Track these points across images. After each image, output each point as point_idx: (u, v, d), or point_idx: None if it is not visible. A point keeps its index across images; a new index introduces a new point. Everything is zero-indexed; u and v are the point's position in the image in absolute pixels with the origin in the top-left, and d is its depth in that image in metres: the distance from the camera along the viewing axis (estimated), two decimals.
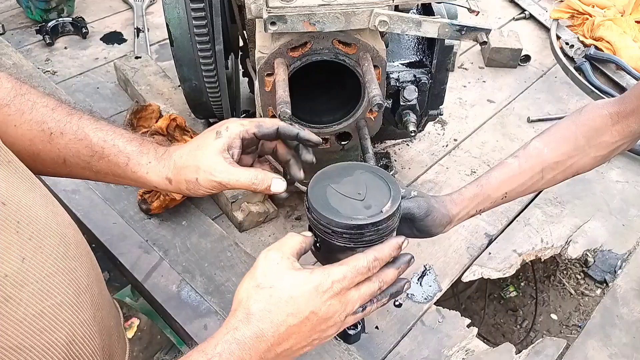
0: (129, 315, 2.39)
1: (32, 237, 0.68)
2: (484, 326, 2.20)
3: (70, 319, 0.70)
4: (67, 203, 1.47)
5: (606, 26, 2.20)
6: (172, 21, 1.33)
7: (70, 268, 0.73)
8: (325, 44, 1.12)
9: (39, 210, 0.72)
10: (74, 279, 0.73)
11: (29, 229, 0.69)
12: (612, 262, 1.52)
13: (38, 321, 0.65)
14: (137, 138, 0.94)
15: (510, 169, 1.13)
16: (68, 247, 0.74)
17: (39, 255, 0.68)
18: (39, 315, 0.65)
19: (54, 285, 0.69)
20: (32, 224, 0.69)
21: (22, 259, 0.65)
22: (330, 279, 0.78)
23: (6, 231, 0.65)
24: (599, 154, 1.14)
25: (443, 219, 1.09)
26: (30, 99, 0.91)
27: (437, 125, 1.88)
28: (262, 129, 0.90)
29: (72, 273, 0.73)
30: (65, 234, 0.75)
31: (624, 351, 1.29)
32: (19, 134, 0.89)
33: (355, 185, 1.00)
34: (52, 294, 0.68)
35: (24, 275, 0.65)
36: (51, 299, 0.68)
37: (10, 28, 2.22)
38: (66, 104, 0.93)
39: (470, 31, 1.10)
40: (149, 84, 1.82)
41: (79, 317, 0.71)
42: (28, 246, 0.67)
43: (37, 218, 0.71)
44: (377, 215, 0.95)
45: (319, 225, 0.97)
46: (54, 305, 0.68)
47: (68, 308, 0.70)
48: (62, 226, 0.76)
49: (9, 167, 0.73)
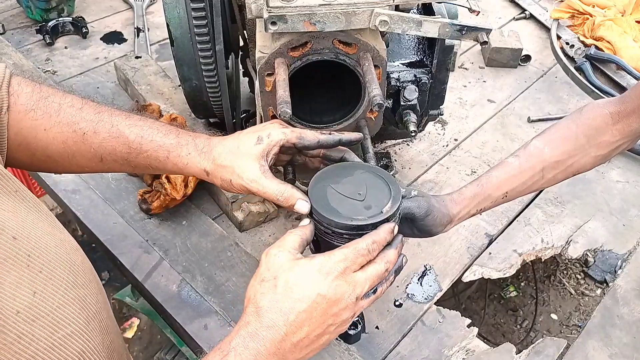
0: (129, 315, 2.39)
1: (43, 269, 0.68)
2: (484, 326, 2.20)
3: (81, 348, 0.69)
4: (67, 203, 1.47)
5: (606, 26, 2.19)
6: (173, 21, 1.32)
7: (80, 296, 0.73)
8: (325, 43, 1.11)
9: (48, 240, 0.72)
10: (84, 307, 0.72)
11: (39, 261, 0.68)
12: (612, 262, 1.52)
13: (49, 354, 0.65)
14: (173, 130, 0.95)
15: (510, 169, 1.13)
16: (77, 275, 0.74)
17: (49, 287, 0.68)
18: (50, 348, 0.65)
19: (64, 316, 0.68)
20: (42, 256, 0.69)
21: (34, 293, 0.65)
22: (331, 260, 0.80)
23: (17, 266, 0.64)
24: (599, 154, 1.14)
25: (443, 219, 1.09)
26: (55, 101, 0.90)
27: (437, 125, 1.88)
28: (303, 141, 0.94)
29: (82, 301, 0.73)
30: (73, 261, 0.75)
31: (625, 351, 1.28)
32: (51, 138, 0.89)
33: (356, 185, 1.00)
34: (62, 325, 0.67)
35: (35, 310, 0.64)
36: (62, 330, 0.67)
37: (11, 28, 2.22)
38: (90, 101, 0.93)
39: (471, 31, 1.10)
40: (149, 83, 1.82)
41: (89, 345, 0.71)
42: (39, 279, 0.67)
43: (47, 248, 0.70)
44: (377, 216, 0.95)
45: (319, 226, 0.97)
46: (65, 336, 0.67)
47: (78, 337, 0.69)
48: (70, 253, 0.76)
49: (17, 196, 0.73)
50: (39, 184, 1.58)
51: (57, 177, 1.54)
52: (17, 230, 0.67)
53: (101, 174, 1.57)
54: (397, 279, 1.38)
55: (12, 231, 0.66)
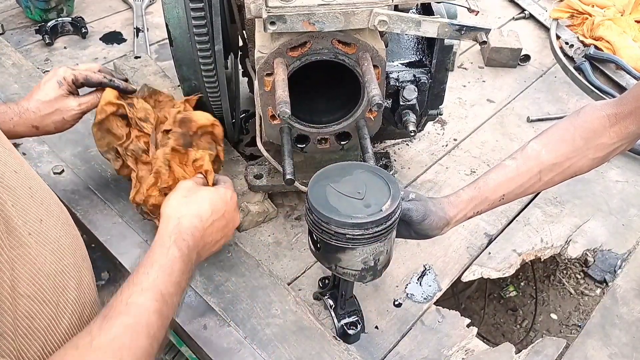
0: None
1: (43, 202, 0.76)
2: (484, 326, 2.20)
3: (81, 280, 0.76)
4: (67, 203, 1.47)
5: (606, 26, 2.20)
6: (172, 21, 1.32)
7: (74, 234, 0.81)
8: (324, 43, 1.12)
9: (37, 178, 0.80)
10: (78, 244, 0.80)
11: (39, 195, 0.75)
12: (611, 261, 1.52)
13: (58, 279, 0.71)
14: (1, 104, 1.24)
15: (508, 171, 1.13)
16: (67, 215, 0.83)
17: (51, 218, 0.75)
18: (58, 274, 0.72)
19: (65, 247, 0.75)
20: (40, 191, 0.76)
21: (40, 221, 0.72)
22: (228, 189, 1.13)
23: (24, 196, 0.71)
24: (597, 156, 1.14)
25: (440, 222, 1.10)
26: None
27: (436, 125, 1.88)
28: (89, 81, 1.30)
29: (76, 238, 0.81)
30: (57, 201, 0.83)
31: (624, 351, 1.28)
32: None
33: (355, 184, 1.00)
34: (64, 255, 0.74)
35: (44, 236, 0.71)
36: (65, 259, 0.74)
37: (10, 28, 2.22)
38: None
39: (470, 31, 1.10)
40: (148, 83, 1.82)
41: (85, 279, 0.78)
42: (42, 209, 0.74)
43: (40, 185, 0.78)
44: (377, 214, 0.95)
45: (319, 225, 0.97)
46: (68, 265, 0.74)
47: (78, 270, 0.77)
48: (54, 196, 0.84)
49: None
50: None
51: (56, 177, 1.54)
52: (15, 165, 0.73)
53: (101, 174, 1.58)
54: (396, 278, 1.39)
55: (12, 166, 0.73)
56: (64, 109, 1.26)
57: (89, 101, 1.30)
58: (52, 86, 1.26)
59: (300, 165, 1.37)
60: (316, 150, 1.32)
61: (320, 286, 1.31)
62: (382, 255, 1.02)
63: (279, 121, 1.23)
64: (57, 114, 1.26)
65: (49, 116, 1.26)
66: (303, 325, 1.23)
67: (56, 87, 1.26)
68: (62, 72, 1.28)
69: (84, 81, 1.29)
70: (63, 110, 1.27)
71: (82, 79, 1.28)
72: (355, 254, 0.99)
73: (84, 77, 1.28)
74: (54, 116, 1.26)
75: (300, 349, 1.19)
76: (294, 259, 1.43)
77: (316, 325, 1.23)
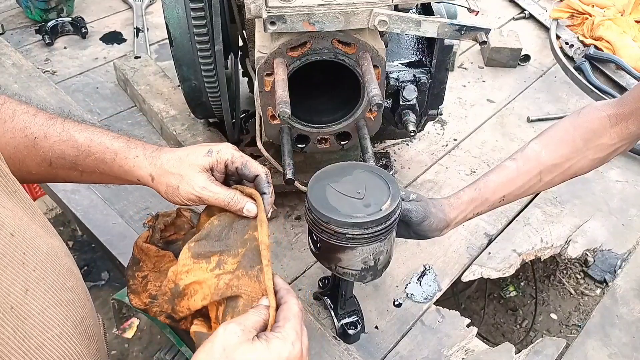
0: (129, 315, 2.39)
1: (36, 268, 0.69)
2: (484, 326, 2.20)
3: (68, 351, 0.70)
4: (67, 203, 1.47)
5: (606, 26, 2.20)
6: (172, 21, 1.32)
7: (68, 300, 0.73)
8: (324, 43, 1.12)
9: (40, 242, 0.73)
10: (71, 310, 0.73)
11: (33, 261, 0.69)
12: (611, 261, 1.52)
13: (40, 353, 0.65)
14: (123, 136, 0.96)
15: (508, 172, 1.13)
16: (66, 279, 0.75)
17: (40, 286, 0.68)
18: (40, 347, 0.65)
19: (53, 317, 0.69)
20: (35, 256, 0.70)
21: (26, 291, 0.66)
22: (289, 340, 0.76)
23: (14, 263, 0.65)
24: (597, 156, 1.14)
25: (440, 224, 1.10)
26: (10, 107, 0.91)
27: (436, 125, 1.88)
28: (244, 170, 0.94)
29: (70, 305, 0.73)
30: (63, 265, 0.76)
31: (624, 351, 1.28)
32: (3, 143, 0.90)
33: (355, 184, 1.00)
34: (52, 326, 0.68)
35: (27, 307, 0.65)
36: (51, 330, 0.68)
37: (10, 28, 2.22)
38: (46, 110, 0.95)
39: (470, 31, 1.10)
40: (148, 83, 1.82)
41: (75, 348, 0.71)
42: (31, 278, 0.67)
43: (40, 250, 0.71)
44: (376, 214, 0.95)
45: (319, 225, 0.97)
46: (54, 337, 0.68)
47: (66, 340, 0.70)
48: (61, 258, 0.77)
49: (15, 196, 0.74)
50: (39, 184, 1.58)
51: None
52: (14, 228, 0.68)
53: None
54: (396, 278, 1.39)
55: (10, 228, 0.67)
56: (185, 178, 0.91)
57: (217, 193, 0.90)
58: (203, 152, 0.93)
59: (300, 165, 1.37)
60: (316, 150, 1.32)
61: (320, 286, 1.31)
62: (382, 255, 1.02)
63: (279, 121, 1.23)
64: (173, 178, 0.92)
65: (166, 175, 0.92)
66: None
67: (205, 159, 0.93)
68: (225, 147, 0.94)
69: (240, 166, 0.94)
70: (184, 178, 0.91)
71: (240, 163, 0.93)
72: (355, 254, 0.99)
73: (242, 162, 0.93)
74: (170, 177, 0.92)
75: None
76: (294, 258, 1.43)
77: (316, 325, 1.23)
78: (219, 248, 0.88)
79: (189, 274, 0.87)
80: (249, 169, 0.93)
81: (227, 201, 0.90)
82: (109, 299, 1.59)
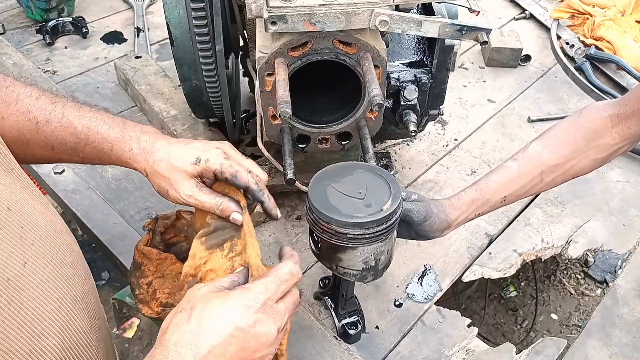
0: (129, 315, 2.38)
1: (34, 242, 0.70)
2: (484, 326, 2.20)
3: (66, 324, 0.70)
4: (67, 203, 1.47)
5: (606, 26, 2.20)
6: (173, 21, 1.32)
7: (68, 275, 0.74)
8: (325, 43, 1.12)
9: (39, 217, 0.74)
10: (71, 286, 0.74)
11: (32, 235, 0.70)
12: (612, 262, 1.52)
13: (37, 325, 0.66)
14: (120, 123, 0.96)
15: (509, 173, 1.13)
16: (65, 255, 0.75)
17: (39, 260, 0.69)
18: (37, 319, 0.66)
19: (52, 290, 0.69)
20: (34, 230, 0.70)
21: (24, 264, 0.66)
22: (252, 291, 0.74)
23: (11, 236, 0.66)
24: (598, 157, 1.14)
25: (441, 224, 1.09)
26: (15, 90, 0.92)
27: (437, 125, 1.88)
28: (235, 180, 0.92)
29: (69, 280, 0.74)
30: (63, 241, 0.76)
31: (624, 351, 1.28)
32: (7, 126, 0.90)
33: (356, 184, 1.00)
34: (50, 299, 0.68)
35: (25, 280, 0.66)
36: (49, 304, 0.68)
37: (11, 28, 2.22)
38: (49, 92, 0.95)
39: (471, 31, 1.10)
40: (149, 83, 1.82)
41: (74, 323, 0.72)
42: (30, 252, 0.68)
43: (39, 225, 0.72)
44: (377, 214, 0.95)
45: (320, 225, 0.97)
46: (52, 310, 0.68)
47: (65, 314, 0.70)
48: (60, 234, 0.77)
49: (12, 174, 0.74)
50: (39, 184, 1.58)
51: (57, 177, 1.54)
52: (11, 202, 0.69)
53: (101, 174, 1.58)
54: (397, 278, 1.39)
55: (7, 203, 0.68)
56: (174, 184, 0.91)
57: (204, 202, 0.91)
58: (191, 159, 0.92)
59: (301, 165, 1.37)
60: (317, 150, 1.32)
61: (320, 286, 1.31)
62: (383, 255, 1.02)
63: (280, 121, 1.23)
64: (164, 181, 0.92)
65: (157, 176, 0.93)
66: (303, 325, 1.23)
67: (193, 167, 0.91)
68: (214, 155, 0.92)
69: (230, 177, 0.92)
70: (172, 183, 0.91)
71: (229, 174, 0.91)
72: (356, 254, 0.99)
73: (231, 173, 0.91)
74: (160, 179, 0.93)
75: (301, 349, 1.19)
76: None
77: (317, 325, 1.23)
78: (229, 234, 0.90)
79: (206, 264, 0.88)
80: (239, 180, 0.92)
81: (214, 209, 0.90)
82: (109, 298, 1.59)
